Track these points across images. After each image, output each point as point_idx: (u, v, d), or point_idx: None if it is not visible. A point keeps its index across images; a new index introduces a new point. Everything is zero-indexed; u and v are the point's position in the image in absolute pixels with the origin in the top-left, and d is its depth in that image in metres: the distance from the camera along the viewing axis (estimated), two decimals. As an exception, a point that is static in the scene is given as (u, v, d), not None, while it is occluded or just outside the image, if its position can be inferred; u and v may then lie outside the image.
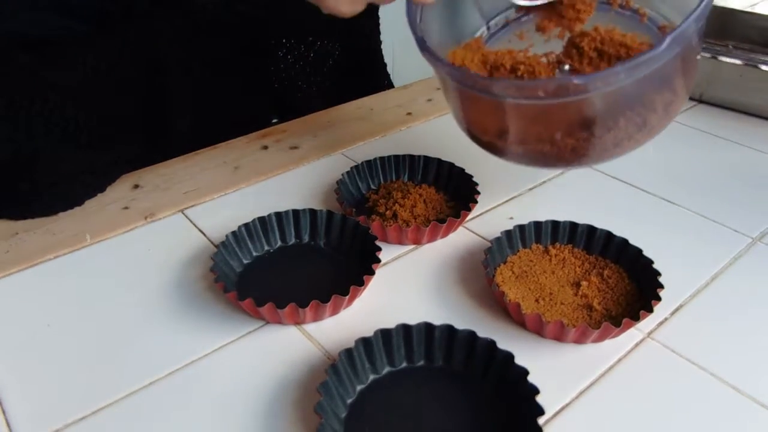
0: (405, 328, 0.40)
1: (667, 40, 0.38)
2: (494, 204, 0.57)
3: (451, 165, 0.57)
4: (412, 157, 0.59)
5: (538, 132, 0.46)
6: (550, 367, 0.40)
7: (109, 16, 0.60)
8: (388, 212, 0.52)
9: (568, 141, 0.45)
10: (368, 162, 0.58)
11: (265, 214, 0.50)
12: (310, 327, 0.44)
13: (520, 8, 0.54)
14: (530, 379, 0.36)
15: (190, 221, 0.55)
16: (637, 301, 0.44)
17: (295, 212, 0.51)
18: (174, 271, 0.49)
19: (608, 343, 0.42)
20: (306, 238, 0.51)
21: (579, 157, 0.46)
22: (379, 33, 0.86)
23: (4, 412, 0.38)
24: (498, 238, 0.47)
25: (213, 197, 0.58)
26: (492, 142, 0.49)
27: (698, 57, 0.47)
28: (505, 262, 0.48)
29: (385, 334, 0.39)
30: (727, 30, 0.75)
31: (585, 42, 0.49)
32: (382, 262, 0.48)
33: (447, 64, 0.45)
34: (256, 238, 0.49)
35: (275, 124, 0.74)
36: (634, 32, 0.48)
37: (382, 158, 0.58)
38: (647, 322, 0.44)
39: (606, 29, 0.49)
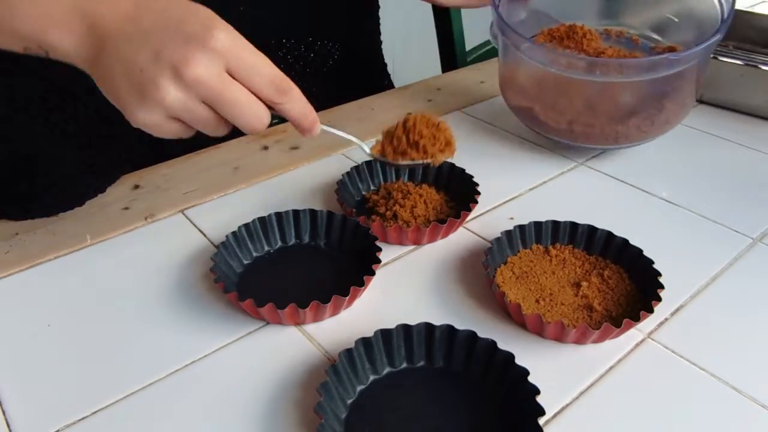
0: (405, 329, 0.40)
1: (718, 34, 0.55)
2: (494, 204, 0.57)
3: (452, 165, 0.57)
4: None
5: (601, 112, 0.59)
6: (551, 368, 0.40)
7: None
8: (388, 213, 0.52)
9: (629, 123, 0.59)
10: (368, 162, 0.58)
11: (265, 214, 0.50)
12: (311, 327, 0.44)
13: (536, 38, 0.67)
14: (530, 379, 0.36)
15: (191, 221, 0.55)
16: (638, 301, 0.44)
17: (296, 212, 0.51)
18: (174, 272, 0.49)
19: (608, 344, 0.42)
20: (306, 239, 0.51)
21: (624, 137, 0.60)
22: (379, 33, 0.86)
23: (4, 412, 0.38)
24: (498, 239, 0.47)
25: (213, 197, 0.58)
26: (547, 123, 0.62)
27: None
28: (505, 263, 0.48)
29: (385, 334, 0.39)
30: (728, 30, 0.75)
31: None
32: (382, 263, 0.48)
33: (547, 48, 0.59)
34: (256, 238, 0.49)
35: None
36: (633, 51, 0.66)
37: (382, 158, 0.58)
38: (647, 323, 0.44)
39: (613, 49, 0.64)
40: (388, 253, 0.51)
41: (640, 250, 0.46)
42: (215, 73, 0.37)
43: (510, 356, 0.38)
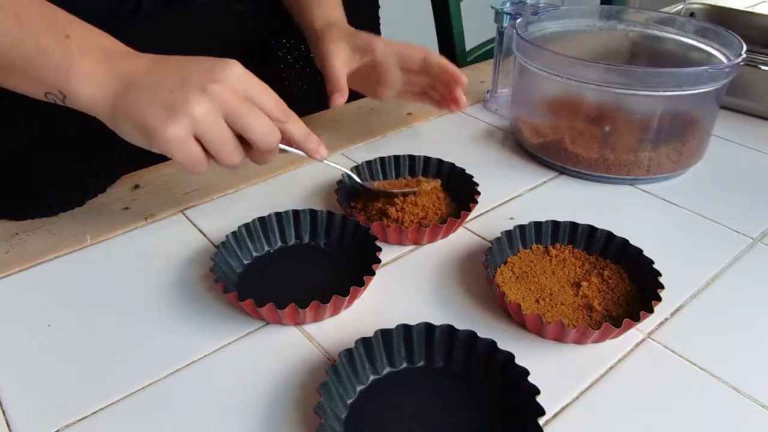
0: (405, 329, 0.40)
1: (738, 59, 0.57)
2: (494, 204, 0.57)
3: (452, 165, 0.57)
4: (412, 157, 0.59)
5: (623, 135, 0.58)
6: (551, 368, 0.40)
7: (115, 17, 0.60)
8: (391, 210, 0.52)
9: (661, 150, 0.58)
10: (368, 162, 0.58)
11: (265, 214, 0.50)
12: (311, 327, 0.44)
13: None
14: (531, 379, 0.36)
15: (191, 221, 0.55)
16: (638, 301, 0.44)
17: (295, 212, 0.51)
18: (174, 272, 0.49)
19: (608, 344, 0.42)
20: (306, 239, 0.51)
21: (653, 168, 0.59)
22: (379, 33, 0.86)
23: (4, 412, 0.38)
24: (498, 239, 0.47)
25: (213, 197, 0.58)
26: (577, 154, 0.60)
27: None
28: (505, 263, 0.48)
29: (385, 334, 0.39)
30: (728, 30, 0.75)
31: None
32: (382, 263, 0.48)
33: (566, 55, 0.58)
34: (256, 238, 0.49)
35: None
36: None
37: (382, 158, 0.58)
38: (647, 323, 0.44)
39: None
40: (388, 253, 0.51)
41: (640, 250, 0.46)
42: (235, 91, 0.43)
43: (510, 356, 0.38)
